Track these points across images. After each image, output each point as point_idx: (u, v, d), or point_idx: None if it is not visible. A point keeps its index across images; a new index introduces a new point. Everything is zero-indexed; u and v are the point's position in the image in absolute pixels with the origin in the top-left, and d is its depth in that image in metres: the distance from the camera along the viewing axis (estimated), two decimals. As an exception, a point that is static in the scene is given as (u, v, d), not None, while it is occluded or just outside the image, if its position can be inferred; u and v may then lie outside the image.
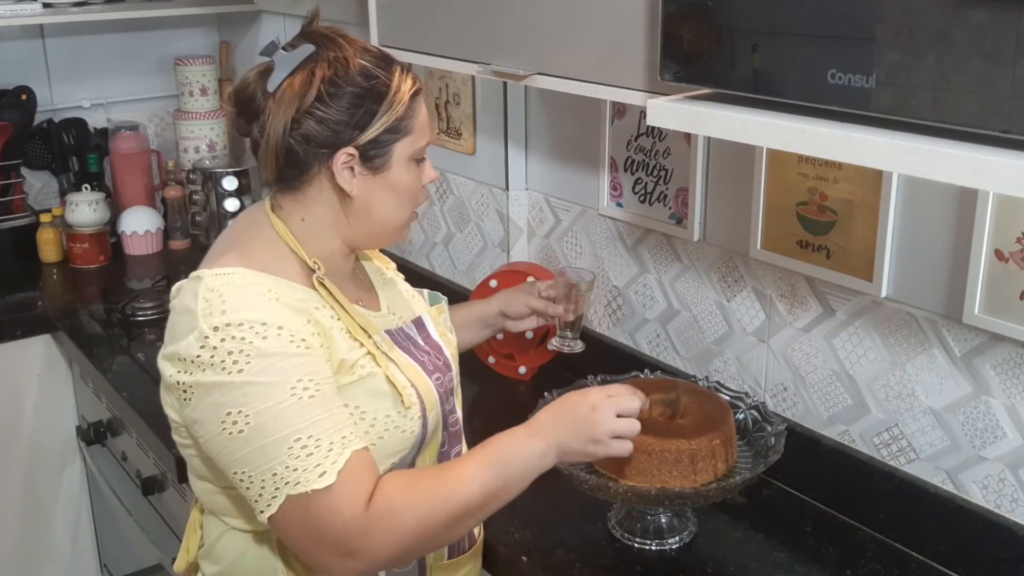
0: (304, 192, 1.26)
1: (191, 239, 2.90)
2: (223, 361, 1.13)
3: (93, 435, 2.34)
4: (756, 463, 1.48)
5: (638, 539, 1.50)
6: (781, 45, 1.01)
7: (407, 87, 1.26)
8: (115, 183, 2.89)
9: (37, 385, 2.47)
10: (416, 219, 1.36)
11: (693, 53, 1.10)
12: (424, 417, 1.28)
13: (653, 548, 1.49)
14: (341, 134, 1.22)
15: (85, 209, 2.71)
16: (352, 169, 1.24)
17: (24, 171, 2.81)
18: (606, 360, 1.88)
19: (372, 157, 1.24)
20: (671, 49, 1.12)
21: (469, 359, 2.09)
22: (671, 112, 1.12)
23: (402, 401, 1.24)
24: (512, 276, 2.06)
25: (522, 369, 2.05)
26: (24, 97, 2.74)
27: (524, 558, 1.47)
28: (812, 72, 0.97)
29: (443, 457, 1.36)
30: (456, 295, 2.26)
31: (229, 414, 1.13)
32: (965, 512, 1.42)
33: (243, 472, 1.14)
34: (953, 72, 0.87)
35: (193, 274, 1.22)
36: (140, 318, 2.36)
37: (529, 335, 2.03)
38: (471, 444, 1.42)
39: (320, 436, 1.13)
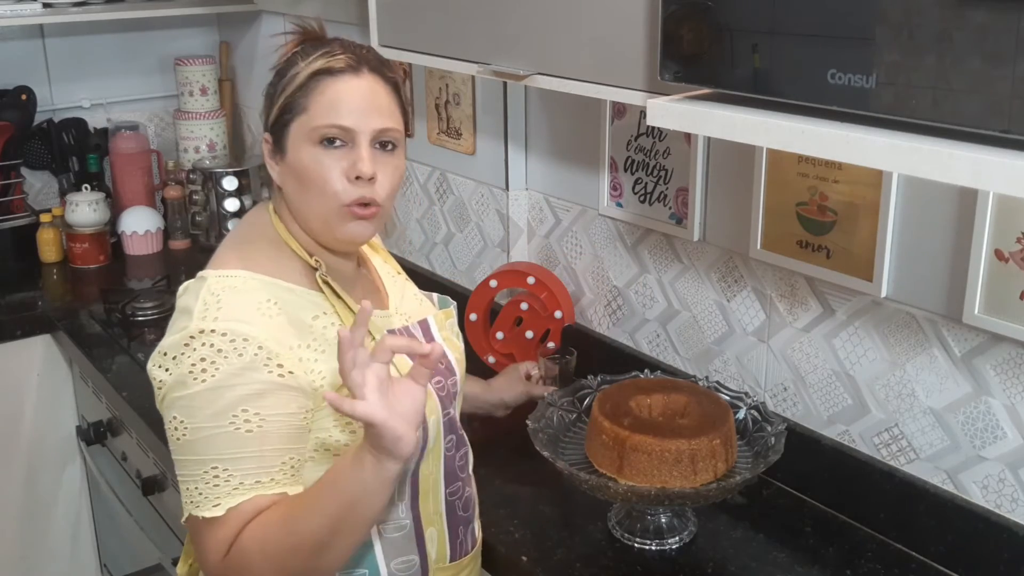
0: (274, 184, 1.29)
1: (191, 239, 2.90)
2: (193, 366, 1.13)
3: (93, 435, 2.34)
4: (756, 463, 1.48)
5: (638, 539, 1.50)
6: (781, 45, 1.01)
7: (313, 67, 1.20)
8: (115, 183, 2.89)
9: (37, 385, 2.48)
10: (365, 215, 1.21)
11: (693, 53, 1.10)
12: (423, 423, 1.26)
13: (653, 548, 1.49)
14: (264, 120, 1.26)
15: (85, 209, 2.71)
16: (272, 156, 1.26)
17: (24, 171, 2.81)
18: (606, 360, 1.89)
19: (276, 141, 1.24)
20: (671, 49, 1.12)
21: (469, 359, 2.08)
22: (671, 112, 1.12)
23: None
24: (512, 276, 2.06)
25: (522, 368, 2.04)
26: (24, 97, 2.75)
27: (524, 558, 1.47)
28: (812, 72, 0.97)
29: (450, 461, 1.34)
30: (456, 295, 2.25)
31: (175, 418, 1.15)
32: (965, 512, 1.42)
33: (178, 474, 1.18)
34: (953, 72, 0.87)
35: (200, 274, 1.23)
36: (140, 318, 2.36)
37: (529, 335, 2.03)
38: (472, 445, 1.42)
39: (234, 473, 1.13)
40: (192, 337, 1.14)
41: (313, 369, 1.18)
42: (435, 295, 1.50)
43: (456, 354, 1.41)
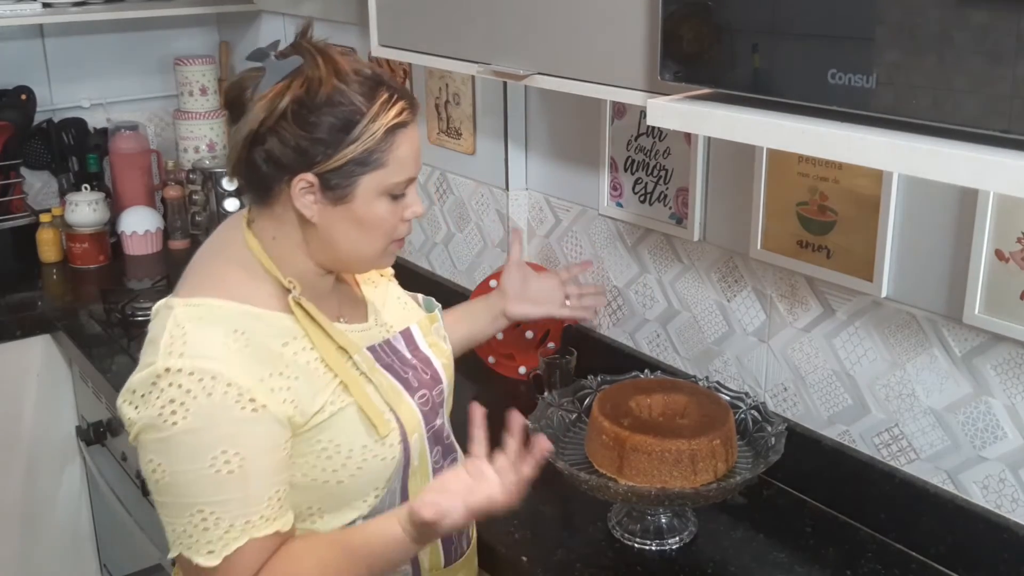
0: (272, 208, 1.21)
1: (191, 239, 2.90)
2: (163, 408, 1.10)
3: (93, 435, 2.34)
4: (756, 463, 1.47)
5: (638, 539, 1.50)
6: (781, 45, 1.01)
7: (386, 119, 1.17)
8: (115, 183, 2.89)
9: (37, 385, 2.48)
10: (400, 248, 1.28)
11: (693, 53, 1.10)
12: (405, 442, 1.25)
13: (653, 548, 1.49)
14: (302, 158, 1.16)
15: (85, 209, 2.71)
16: (313, 195, 1.18)
17: (24, 171, 2.81)
18: (606, 360, 1.88)
19: (334, 187, 1.17)
20: (671, 49, 1.12)
21: (469, 359, 2.09)
22: (671, 112, 1.12)
23: (376, 430, 1.21)
24: (512, 276, 2.06)
25: (522, 369, 2.04)
26: (24, 97, 2.74)
27: (524, 558, 1.47)
28: (812, 72, 0.97)
29: (439, 473, 1.31)
30: (456, 295, 2.26)
31: (151, 461, 1.13)
32: (965, 512, 1.42)
33: (160, 513, 1.16)
34: (953, 72, 0.87)
35: (165, 301, 1.20)
36: (140, 318, 2.36)
37: (529, 335, 2.03)
38: (465, 446, 1.41)
39: (222, 515, 1.12)
40: (159, 376, 1.11)
41: (285, 398, 1.15)
42: (420, 296, 1.47)
43: (443, 359, 1.38)
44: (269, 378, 1.15)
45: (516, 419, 1.22)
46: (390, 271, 1.45)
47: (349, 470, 1.20)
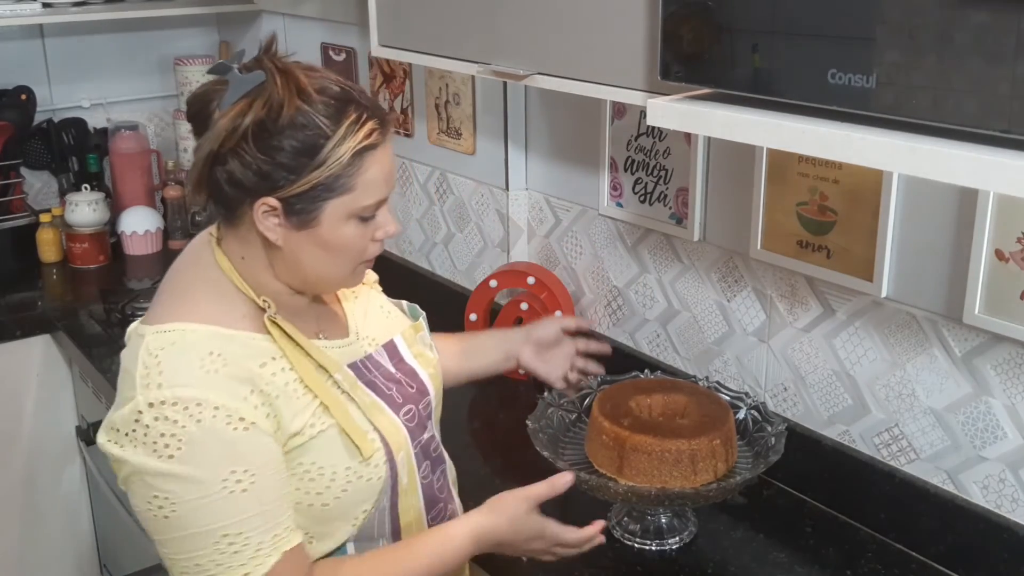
0: (237, 228, 1.18)
1: (191, 239, 2.89)
2: (155, 443, 1.07)
3: (93, 435, 2.32)
4: (756, 463, 1.47)
5: (638, 539, 1.50)
6: (781, 45, 1.01)
7: (353, 141, 1.12)
8: (115, 183, 2.89)
9: (37, 385, 2.47)
10: (370, 267, 1.25)
11: (693, 53, 1.10)
12: (391, 461, 1.22)
13: (653, 548, 1.49)
14: (264, 182, 1.11)
15: (85, 209, 2.71)
16: (277, 218, 1.14)
17: (24, 171, 2.81)
18: (606, 360, 1.88)
19: (299, 212, 1.13)
20: (671, 49, 1.12)
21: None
22: (671, 112, 1.12)
23: (360, 452, 1.18)
24: (512, 276, 2.06)
25: (522, 369, 2.04)
26: (24, 97, 2.74)
27: (524, 558, 1.47)
28: (812, 72, 0.97)
29: (428, 488, 1.31)
30: (456, 295, 2.26)
31: (156, 497, 1.09)
32: (965, 512, 1.42)
33: (168, 553, 1.12)
34: (953, 72, 0.87)
35: (136, 328, 1.17)
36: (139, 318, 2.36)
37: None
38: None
39: (249, 534, 1.10)
40: (140, 412, 1.08)
41: (269, 414, 1.13)
42: (404, 303, 1.42)
43: (430, 369, 1.35)
44: (251, 395, 1.12)
45: (596, 526, 1.32)
46: (374, 277, 1.42)
47: (334, 492, 1.18)
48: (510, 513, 1.26)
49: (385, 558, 1.22)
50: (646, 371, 1.65)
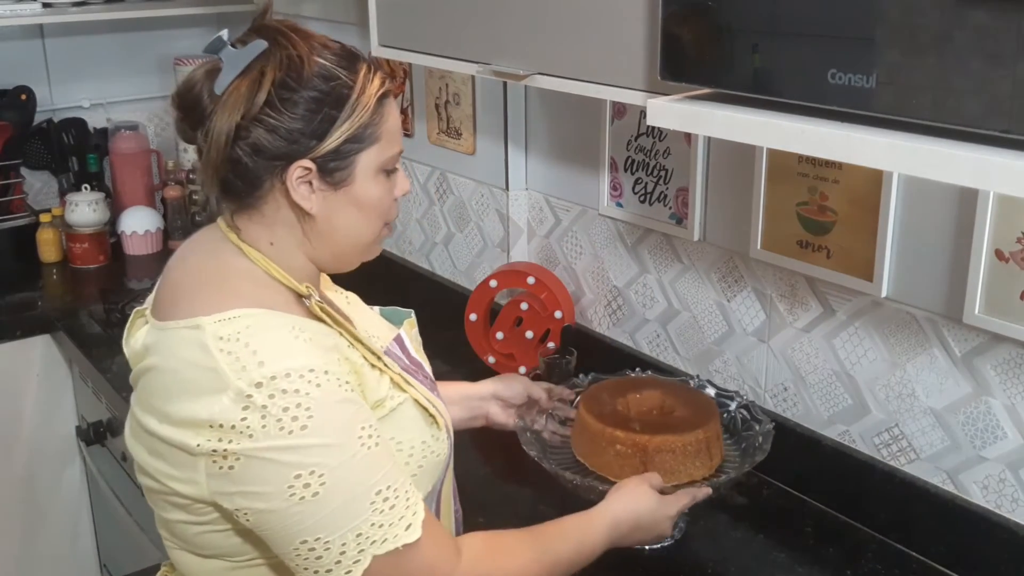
0: (261, 211, 1.12)
1: (191, 239, 2.89)
2: (280, 420, 1.00)
3: (93, 435, 2.34)
4: (743, 462, 1.48)
5: (638, 539, 1.51)
6: (781, 45, 1.01)
7: (373, 88, 1.11)
8: (115, 183, 2.89)
9: (37, 385, 2.47)
10: (389, 234, 1.22)
11: (693, 53, 1.10)
12: (450, 437, 1.22)
13: (653, 548, 1.49)
14: (295, 144, 1.08)
15: (85, 209, 2.71)
16: (310, 184, 1.10)
17: (24, 171, 2.81)
18: (606, 360, 1.88)
19: (332, 170, 1.10)
20: (671, 49, 1.12)
21: (469, 359, 2.09)
22: (671, 112, 1.12)
23: (436, 423, 1.17)
24: (512, 276, 2.06)
25: (522, 369, 2.04)
26: (24, 97, 2.74)
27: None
28: (812, 72, 0.97)
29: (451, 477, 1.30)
30: (456, 295, 2.26)
31: (299, 476, 1.01)
32: (965, 512, 1.42)
33: (318, 539, 1.02)
34: (953, 72, 0.87)
35: (182, 323, 1.07)
36: (140, 318, 2.36)
37: (529, 335, 2.03)
38: (466, 446, 1.41)
39: (397, 486, 1.06)
40: (250, 396, 1.00)
41: (358, 383, 1.11)
42: (376, 308, 1.38)
43: (429, 367, 1.33)
44: (339, 363, 1.08)
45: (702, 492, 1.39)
46: (354, 295, 1.39)
47: (411, 469, 1.16)
48: (643, 502, 1.34)
49: (535, 533, 1.24)
50: (637, 369, 1.69)
